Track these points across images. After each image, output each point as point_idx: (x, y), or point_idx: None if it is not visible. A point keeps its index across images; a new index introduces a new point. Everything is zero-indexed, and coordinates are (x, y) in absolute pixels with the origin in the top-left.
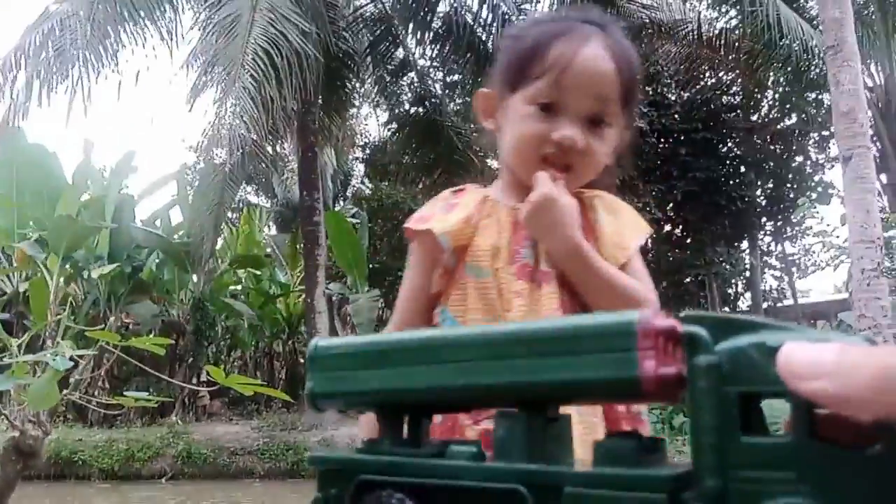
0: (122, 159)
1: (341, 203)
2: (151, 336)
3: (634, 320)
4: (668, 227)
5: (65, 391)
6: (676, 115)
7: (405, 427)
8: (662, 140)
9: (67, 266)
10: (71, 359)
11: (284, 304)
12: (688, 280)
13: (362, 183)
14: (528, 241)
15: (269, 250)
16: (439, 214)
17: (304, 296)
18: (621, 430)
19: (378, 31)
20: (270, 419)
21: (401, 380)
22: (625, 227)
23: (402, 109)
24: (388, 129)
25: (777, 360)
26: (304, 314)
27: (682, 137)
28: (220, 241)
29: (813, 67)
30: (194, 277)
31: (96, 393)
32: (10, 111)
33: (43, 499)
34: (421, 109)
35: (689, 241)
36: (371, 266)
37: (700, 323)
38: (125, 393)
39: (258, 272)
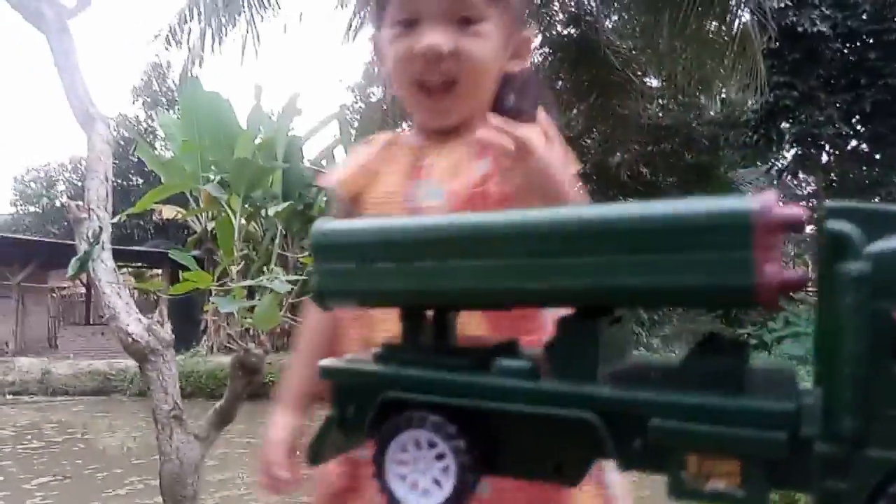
0: (288, 102)
1: None
2: None
3: (749, 210)
4: (854, 143)
5: (280, 314)
6: (864, 15)
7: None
8: (848, 44)
9: (247, 205)
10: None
11: None
12: (876, 202)
13: None
14: (420, 179)
15: None
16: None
17: None
18: (716, 337)
19: None
20: None
21: (437, 279)
22: None
23: (554, 31)
24: (540, 54)
25: None
26: None
27: (872, 40)
28: None
29: None
30: None
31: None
32: (188, 61)
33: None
34: (575, 30)
35: (878, 157)
36: None
37: (848, 218)
38: None
39: None
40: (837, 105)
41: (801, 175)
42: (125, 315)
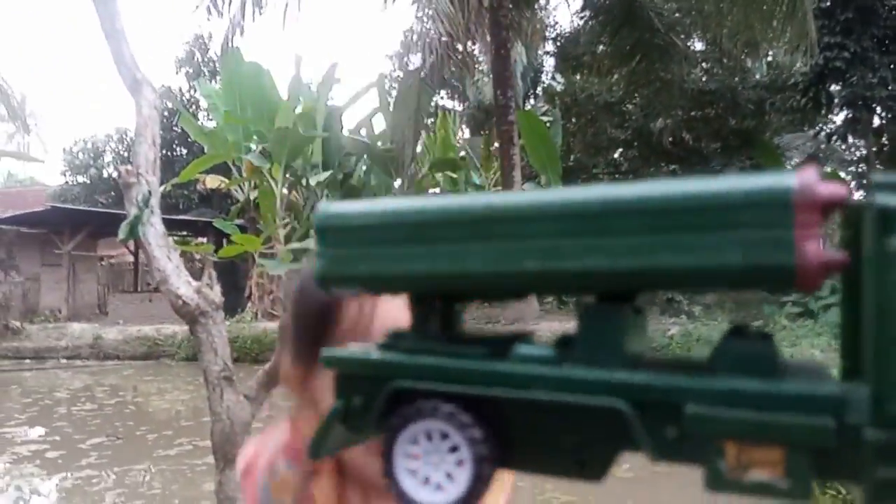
0: (327, 72)
1: (531, 101)
2: None
3: (791, 187)
4: None
5: None
6: None
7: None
8: None
9: (288, 175)
10: None
11: None
12: None
13: (553, 79)
14: None
15: (462, 154)
16: None
17: None
18: (741, 329)
19: None
20: (473, 313)
21: (448, 262)
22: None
23: None
24: (581, 17)
25: None
26: None
27: None
28: (418, 147)
29: None
30: (397, 182)
31: None
32: (229, 31)
33: None
34: None
35: None
36: (565, 164)
37: (895, 190)
38: None
39: (454, 175)
40: (892, 66)
41: (850, 139)
42: (175, 278)
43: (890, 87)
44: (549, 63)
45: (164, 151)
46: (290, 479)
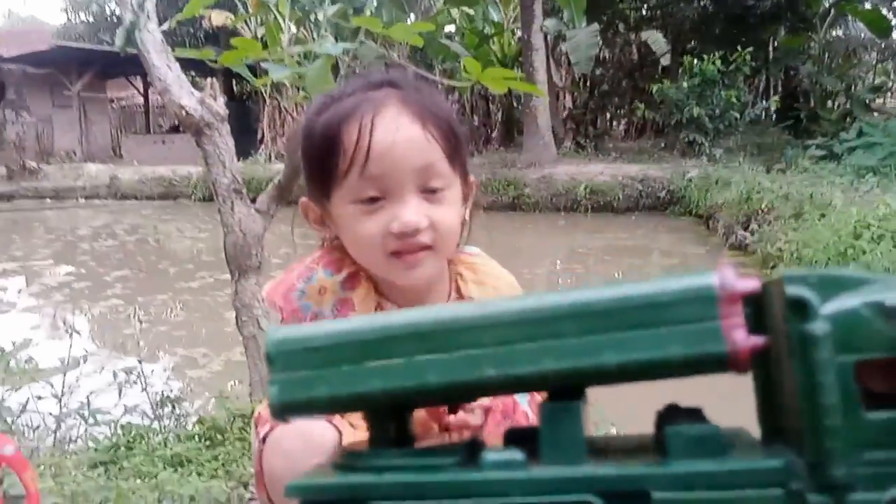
0: None
1: None
2: None
3: (712, 284)
4: None
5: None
6: None
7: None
8: None
9: (296, 9)
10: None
11: (499, 45)
12: None
13: None
14: None
15: None
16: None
17: (519, 33)
18: (675, 408)
19: None
20: (490, 157)
21: (406, 377)
22: None
23: None
24: None
25: None
26: (520, 53)
27: None
28: None
29: None
30: (411, 17)
31: None
32: None
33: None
34: None
35: None
36: None
37: (803, 283)
38: None
39: (472, 11)
40: None
41: None
42: (177, 88)
43: None
44: None
45: None
46: (328, 283)
